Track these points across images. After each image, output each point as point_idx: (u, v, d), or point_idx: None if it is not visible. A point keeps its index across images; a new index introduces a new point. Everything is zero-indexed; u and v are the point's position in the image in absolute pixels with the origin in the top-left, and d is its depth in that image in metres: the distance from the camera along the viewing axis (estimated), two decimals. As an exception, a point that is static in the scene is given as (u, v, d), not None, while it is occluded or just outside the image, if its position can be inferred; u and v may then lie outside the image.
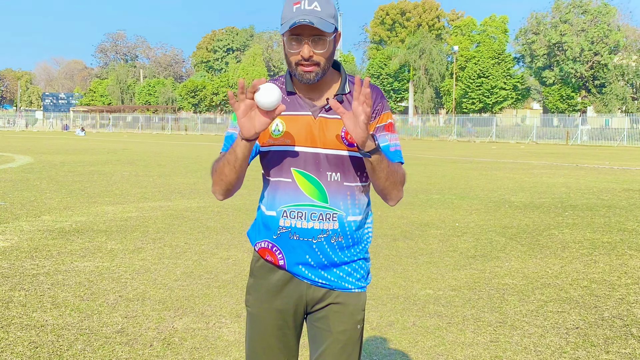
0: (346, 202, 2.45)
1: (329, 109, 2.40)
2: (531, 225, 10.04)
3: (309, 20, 2.23)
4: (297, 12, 2.26)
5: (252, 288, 2.56)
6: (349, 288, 2.50)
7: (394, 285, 6.42)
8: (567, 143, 53.34)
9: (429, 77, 75.46)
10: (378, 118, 2.45)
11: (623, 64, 64.67)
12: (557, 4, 67.24)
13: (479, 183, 16.74)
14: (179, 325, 5.10)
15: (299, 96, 2.43)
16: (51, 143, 39.29)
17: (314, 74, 2.32)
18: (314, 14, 2.26)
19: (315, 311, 2.52)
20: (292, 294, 2.49)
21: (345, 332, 2.49)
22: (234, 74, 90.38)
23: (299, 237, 2.42)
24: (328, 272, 2.47)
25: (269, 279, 2.51)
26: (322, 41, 2.30)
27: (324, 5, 2.29)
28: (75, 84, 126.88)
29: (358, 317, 2.52)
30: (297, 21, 2.23)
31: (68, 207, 11.20)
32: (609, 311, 5.67)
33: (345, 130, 2.38)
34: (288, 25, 2.25)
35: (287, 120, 2.40)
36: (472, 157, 30.45)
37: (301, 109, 2.41)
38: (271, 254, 2.48)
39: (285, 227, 2.42)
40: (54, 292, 5.95)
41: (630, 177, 19.33)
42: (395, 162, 2.45)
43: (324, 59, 2.32)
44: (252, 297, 2.56)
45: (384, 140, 2.45)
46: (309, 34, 2.28)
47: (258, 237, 2.54)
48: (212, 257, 7.50)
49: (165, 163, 22.94)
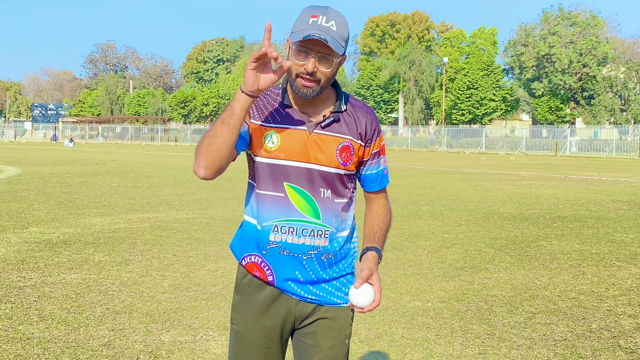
0: (337, 218, 2.46)
1: (325, 126, 2.40)
2: (520, 237, 10.07)
3: (323, 37, 2.21)
4: (313, 26, 2.24)
5: (239, 306, 2.52)
6: (338, 303, 2.50)
7: (383, 297, 6.40)
8: (556, 154, 53.57)
9: (418, 88, 75.70)
10: (375, 142, 2.50)
11: (611, 76, 65.11)
12: (546, 16, 67.69)
13: (468, 194, 16.78)
14: (166, 338, 5.07)
15: (294, 110, 2.41)
16: (39, 154, 39.12)
17: (311, 90, 2.30)
18: (329, 32, 2.24)
19: (303, 327, 2.50)
20: (280, 311, 2.47)
21: (333, 348, 2.48)
22: (224, 85, 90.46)
23: (289, 253, 2.40)
24: (317, 287, 2.47)
25: (256, 296, 2.48)
26: (328, 61, 2.29)
27: (340, 26, 2.28)
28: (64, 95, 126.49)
29: (346, 332, 2.52)
30: (312, 34, 2.21)
31: (56, 219, 11.15)
32: (597, 323, 5.67)
33: (340, 148, 2.40)
34: (302, 35, 2.23)
35: (282, 134, 2.38)
36: (461, 168, 30.52)
37: (297, 124, 2.39)
38: (259, 269, 2.45)
39: (276, 242, 2.40)
40: (41, 304, 5.91)
41: (618, 188, 19.42)
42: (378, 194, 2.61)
43: (325, 78, 2.31)
44: (238, 315, 2.51)
45: (378, 166, 2.53)
46: (318, 50, 2.26)
47: (245, 250, 2.51)
48: (201, 269, 7.47)
49: (154, 174, 22.88)
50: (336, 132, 2.40)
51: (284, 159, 2.37)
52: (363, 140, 2.45)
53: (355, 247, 2.60)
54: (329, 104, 2.44)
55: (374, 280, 2.31)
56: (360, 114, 2.46)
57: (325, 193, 2.41)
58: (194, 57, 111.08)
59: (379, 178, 2.56)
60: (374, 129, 2.47)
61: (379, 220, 2.55)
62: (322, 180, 2.40)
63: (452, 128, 66.29)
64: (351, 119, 2.44)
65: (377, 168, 2.54)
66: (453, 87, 71.45)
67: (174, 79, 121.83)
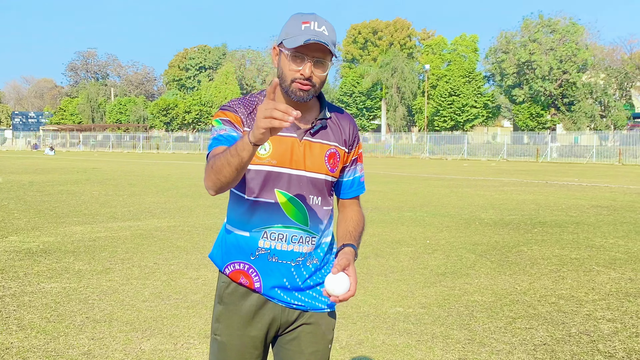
0: (323, 224, 2.50)
1: (314, 133, 2.43)
2: (501, 242, 10.12)
3: (323, 41, 2.26)
4: (307, 31, 2.28)
5: (223, 316, 2.50)
6: (322, 308, 2.52)
7: (364, 304, 6.42)
8: (537, 160, 53.94)
9: (401, 95, 76.00)
10: (354, 149, 2.57)
11: (591, 82, 65.74)
12: (526, 23, 68.23)
13: (450, 200, 16.85)
14: (146, 346, 5.05)
15: None
16: (20, 162, 38.82)
17: (307, 93, 2.34)
18: (324, 37, 2.29)
19: (285, 333, 2.51)
20: (265, 319, 2.47)
21: (317, 353, 2.50)
22: (206, 92, 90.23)
23: (277, 260, 2.42)
24: (302, 294, 2.48)
25: (241, 305, 2.47)
26: (323, 64, 2.34)
27: (331, 31, 2.34)
28: (45, 103, 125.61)
29: (329, 337, 2.55)
30: (311, 39, 2.24)
31: (36, 228, 11.06)
32: (576, 327, 5.72)
33: (327, 155, 2.44)
34: (300, 40, 2.25)
35: (273, 140, 2.39)
36: (443, 174, 30.65)
37: (286, 131, 2.41)
38: (246, 276, 2.45)
39: (265, 249, 2.41)
40: (20, 314, 5.86)
41: (598, 193, 19.58)
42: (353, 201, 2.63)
43: (319, 81, 2.36)
44: (222, 325, 2.49)
45: (355, 172, 2.59)
46: (314, 55, 2.30)
47: (228, 259, 2.50)
48: (182, 278, 7.44)
49: (136, 182, 22.77)
50: (324, 139, 2.45)
51: (276, 165, 2.39)
52: (346, 147, 2.51)
53: (334, 253, 2.62)
54: (314, 111, 2.49)
55: (350, 271, 2.31)
56: (343, 121, 2.53)
57: (314, 200, 2.44)
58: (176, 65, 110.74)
59: (355, 185, 2.60)
60: (355, 135, 2.55)
61: (353, 222, 2.57)
62: (312, 186, 2.43)
63: (435, 135, 66.56)
64: (336, 126, 2.50)
65: (354, 175, 2.59)
66: (435, 94, 71.79)
67: (156, 87, 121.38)
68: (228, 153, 2.14)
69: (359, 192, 2.63)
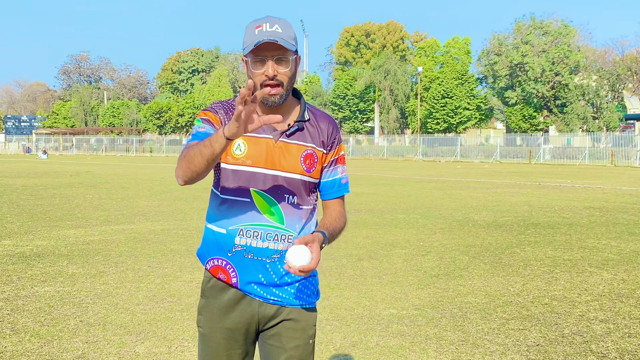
0: (301, 223, 2.56)
1: (290, 134, 2.50)
2: (494, 244, 10.15)
3: (272, 38, 2.35)
4: (260, 34, 2.37)
5: (204, 308, 2.61)
6: (301, 305, 2.59)
7: (358, 306, 6.43)
8: (530, 162, 54.08)
9: (394, 97, 76.08)
10: (334, 150, 2.61)
11: (583, 84, 65.91)
12: (518, 26, 68.40)
13: (443, 202, 16.89)
14: (140, 349, 5.05)
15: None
16: (12, 166, 38.70)
17: (278, 96, 2.42)
18: (276, 34, 2.38)
19: (267, 329, 2.58)
20: (243, 313, 2.55)
21: (298, 348, 2.56)
22: (200, 95, 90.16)
23: (253, 256, 2.50)
24: (279, 290, 2.55)
25: (220, 298, 2.56)
26: (285, 61, 2.41)
27: (285, 28, 2.42)
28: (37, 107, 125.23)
29: (310, 332, 2.61)
30: (262, 39, 2.34)
31: (29, 231, 11.04)
32: (569, 328, 5.74)
33: (304, 156, 2.51)
34: (253, 44, 2.36)
35: (249, 141, 2.48)
36: (437, 176, 30.70)
37: (262, 132, 2.49)
38: (224, 271, 2.54)
39: (241, 246, 2.50)
40: (14, 317, 5.85)
41: (591, 195, 19.65)
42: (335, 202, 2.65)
43: (287, 79, 2.43)
44: (203, 317, 2.60)
45: (335, 174, 2.63)
46: (272, 54, 2.39)
47: (208, 254, 2.59)
48: (176, 281, 7.44)
49: (129, 185, 22.74)
50: (300, 141, 2.52)
51: (251, 165, 2.47)
52: (324, 148, 2.57)
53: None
54: (293, 113, 2.56)
55: (313, 247, 2.31)
56: (322, 123, 2.59)
57: (290, 199, 2.51)
58: (169, 68, 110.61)
59: (335, 186, 2.65)
60: (334, 137, 2.60)
61: (331, 218, 2.61)
62: (288, 186, 2.50)
63: (428, 137, 66.64)
64: (314, 128, 2.56)
65: (334, 176, 2.63)
66: (428, 96, 71.90)
67: (149, 90, 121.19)
68: (202, 144, 2.24)
69: (339, 194, 2.66)
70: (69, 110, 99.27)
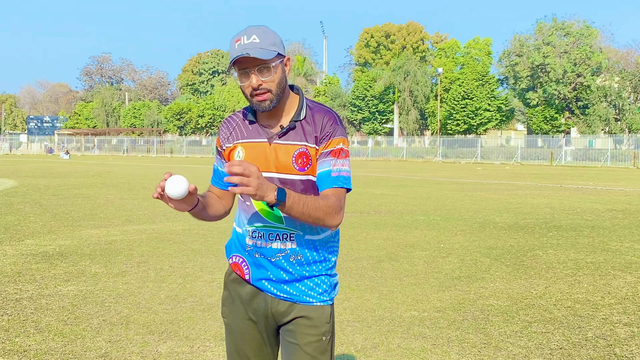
0: (303, 224, 2.55)
1: (281, 135, 2.55)
2: (516, 246, 10.09)
3: (246, 53, 2.40)
4: (239, 48, 2.44)
5: (227, 300, 2.76)
6: (311, 302, 2.63)
7: (379, 307, 6.42)
8: (551, 164, 53.70)
9: (413, 98, 75.93)
10: (325, 143, 2.53)
11: (605, 86, 65.38)
12: (540, 26, 68.00)
13: (464, 204, 16.81)
14: (163, 349, 5.07)
15: (259, 125, 2.61)
16: (35, 166, 39.08)
17: (268, 102, 2.48)
18: (253, 46, 2.43)
19: (284, 324, 2.66)
20: (259, 307, 2.66)
21: (310, 345, 2.60)
22: (220, 97, 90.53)
23: (260, 255, 2.61)
24: (290, 286, 2.62)
25: (239, 290, 2.70)
26: (266, 69, 2.46)
27: (262, 36, 2.46)
28: (60, 107, 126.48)
29: (323, 329, 2.63)
30: (236, 55, 2.42)
31: (52, 231, 11.14)
32: (593, 331, 5.69)
33: (295, 155, 2.53)
34: (231, 60, 2.45)
35: (247, 147, 2.59)
36: (457, 178, 30.57)
37: (259, 136, 2.58)
38: (239, 268, 2.68)
39: (250, 246, 2.63)
40: (37, 316, 5.91)
41: (614, 197, 19.47)
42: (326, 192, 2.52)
43: (273, 85, 2.48)
44: (227, 308, 2.75)
45: (326, 166, 2.53)
46: (253, 65, 2.45)
47: (232, 250, 2.74)
48: (197, 280, 7.47)
49: (150, 186, 22.88)
50: (292, 140, 2.54)
51: None
52: (317, 143, 2.54)
53: (334, 251, 2.72)
54: (290, 113, 2.59)
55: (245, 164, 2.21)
56: (317, 117, 2.57)
57: None
58: (190, 69, 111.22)
59: (325, 178, 2.52)
60: (328, 131, 2.53)
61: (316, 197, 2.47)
62: (283, 187, 2.43)
63: (447, 138, 66.45)
64: (309, 125, 2.56)
65: (324, 168, 2.53)
66: (448, 98, 71.65)
67: (170, 91, 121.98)
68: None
69: (330, 185, 2.52)
70: (91, 111, 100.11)
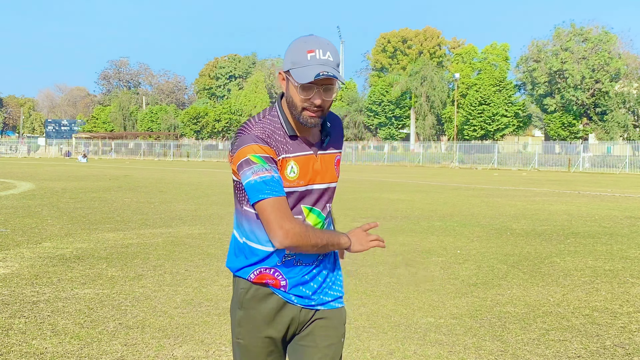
0: (331, 226, 2.72)
1: (325, 146, 2.61)
2: (533, 253, 10.02)
3: (332, 74, 2.35)
4: (313, 61, 2.37)
5: (244, 320, 2.61)
6: (331, 305, 2.67)
7: (395, 313, 6.39)
8: (569, 170, 53.34)
9: (430, 104, 75.74)
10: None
11: (624, 92, 64.87)
12: (558, 32, 67.63)
13: (480, 210, 16.73)
14: (178, 353, 5.08)
15: (300, 138, 2.55)
16: (53, 170, 39.37)
17: (318, 120, 2.47)
18: (329, 64, 2.39)
19: (300, 331, 2.64)
20: (285, 320, 2.60)
21: (331, 346, 2.62)
22: (236, 101, 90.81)
23: (302, 263, 2.57)
24: (320, 289, 2.64)
25: (260, 308, 2.58)
26: (331, 90, 2.45)
27: (335, 55, 2.42)
28: (77, 111, 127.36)
29: (342, 331, 2.68)
30: (322, 73, 2.34)
31: (69, 234, 11.20)
32: (611, 340, 5.63)
33: (336, 162, 2.65)
34: (311, 75, 2.34)
35: (299, 161, 2.53)
36: (473, 184, 30.45)
37: (304, 150, 2.55)
38: (272, 277, 2.57)
39: (291, 255, 2.55)
40: (54, 319, 5.93)
41: (632, 204, 19.30)
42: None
43: (329, 104, 2.48)
44: (244, 329, 2.61)
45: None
46: (322, 83, 2.40)
47: (253, 266, 2.59)
48: (213, 285, 7.48)
49: (166, 190, 22.96)
50: (332, 149, 2.64)
51: (304, 184, 2.54)
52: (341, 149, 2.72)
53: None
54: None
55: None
56: (337, 126, 2.70)
57: (328, 206, 2.65)
58: (207, 74, 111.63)
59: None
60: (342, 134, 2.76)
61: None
62: (330, 195, 2.64)
63: (464, 144, 66.18)
64: (335, 133, 2.68)
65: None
66: (465, 103, 71.40)
67: (187, 95, 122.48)
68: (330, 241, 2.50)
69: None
70: (108, 115, 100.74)
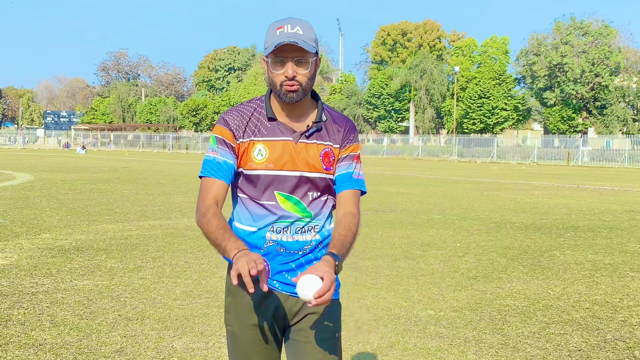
0: (326, 214, 2.65)
1: (309, 135, 2.57)
2: (532, 246, 10.01)
3: (293, 40, 2.41)
4: (281, 35, 2.44)
5: (231, 306, 2.66)
6: None
7: (395, 306, 6.38)
8: (568, 164, 53.36)
9: (429, 97, 75.66)
10: (347, 147, 2.65)
11: (624, 86, 64.83)
12: (558, 26, 67.53)
13: (480, 204, 16.72)
14: (178, 345, 5.06)
15: (279, 122, 2.58)
16: (52, 161, 39.32)
17: (296, 94, 2.48)
18: (297, 36, 2.44)
19: (293, 324, 2.62)
20: (270, 308, 2.59)
21: (326, 341, 2.58)
22: (236, 93, 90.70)
23: (285, 250, 2.57)
24: None
25: (247, 295, 2.57)
26: (304, 62, 2.48)
27: (306, 29, 2.48)
28: (76, 103, 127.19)
29: (336, 326, 2.64)
30: (282, 41, 2.41)
31: (68, 225, 11.18)
32: (612, 333, 5.62)
33: (323, 154, 2.59)
34: (273, 45, 2.43)
35: (269, 145, 2.55)
36: (473, 177, 30.43)
37: (282, 135, 2.56)
38: None
39: (272, 241, 2.56)
40: (53, 310, 5.91)
41: (632, 198, 19.30)
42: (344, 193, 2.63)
43: (305, 79, 2.50)
44: (231, 315, 2.65)
45: (350, 167, 2.64)
46: (292, 55, 2.46)
47: None
48: (212, 276, 7.46)
49: (165, 181, 22.94)
50: (319, 140, 2.59)
51: (273, 169, 2.54)
52: (340, 145, 2.63)
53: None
54: (310, 114, 2.62)
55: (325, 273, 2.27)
56: (339, 121, 2.67)
57: (313, 195, 2.59)
58: (206, 66, 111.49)
59: (347, 178, 2.65)
60: (350, 136, 2.66)
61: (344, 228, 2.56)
62: (310, 184, 2.58)
63: (463, 137, 66.19)
64: (331, 127, 2.63)
65: (347, 169, 2.64)
66: (464, 96, 71.33)
67: (186, 87, 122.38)
68: (216, 241, 2.45)
69: (352, 186, 2.64)
70: (107, 107, 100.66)
